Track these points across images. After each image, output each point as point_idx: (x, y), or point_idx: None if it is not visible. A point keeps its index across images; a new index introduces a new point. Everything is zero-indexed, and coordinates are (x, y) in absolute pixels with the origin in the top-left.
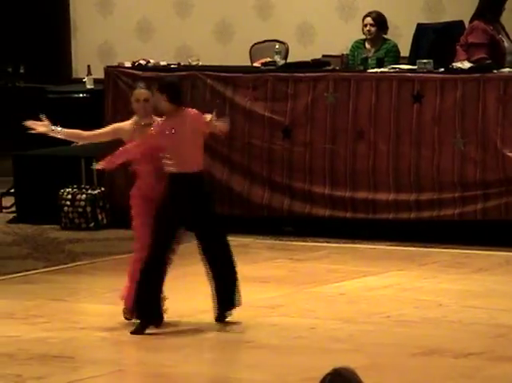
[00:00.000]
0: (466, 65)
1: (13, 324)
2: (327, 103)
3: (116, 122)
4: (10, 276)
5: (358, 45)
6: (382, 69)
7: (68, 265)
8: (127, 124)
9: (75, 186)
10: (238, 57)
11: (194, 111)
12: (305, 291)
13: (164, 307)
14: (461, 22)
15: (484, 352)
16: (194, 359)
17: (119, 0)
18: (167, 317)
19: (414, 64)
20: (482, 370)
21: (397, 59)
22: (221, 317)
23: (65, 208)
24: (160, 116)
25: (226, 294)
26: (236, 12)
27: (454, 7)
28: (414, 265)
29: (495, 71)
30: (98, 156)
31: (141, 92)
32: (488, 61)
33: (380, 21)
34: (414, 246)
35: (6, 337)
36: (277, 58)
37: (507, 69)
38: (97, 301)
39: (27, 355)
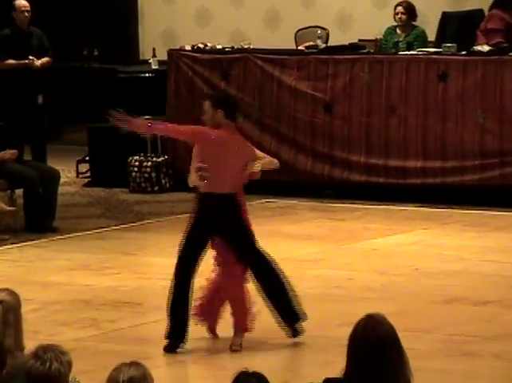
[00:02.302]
0: (486, 48)
1: (89, 275)
2: (363, 82)
3: (178, 99)
4: (86, 233)
5: (390, 31)
6: (411, 52)
7: (136, 223)
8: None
9: (142, 154)
10: (285, 41)
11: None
12: (343, 247)
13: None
14: (481, 11)
15: (500, 300)
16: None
17: None
18: None
19: (439, 47)
20: (499, 316)
21: (425, 43)
22: (294, 333)
23: (133, 174)
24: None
25: (285, 310)
26: (283, 1)
27: None
28: (438, 224)
29: (511, 54)
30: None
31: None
32: (505, 45)
33: (409, 10)
34: (439, 208)
35: (83, 285)
36: (319, 42)
37: None
38: (162, 255)
39: (101, 301)
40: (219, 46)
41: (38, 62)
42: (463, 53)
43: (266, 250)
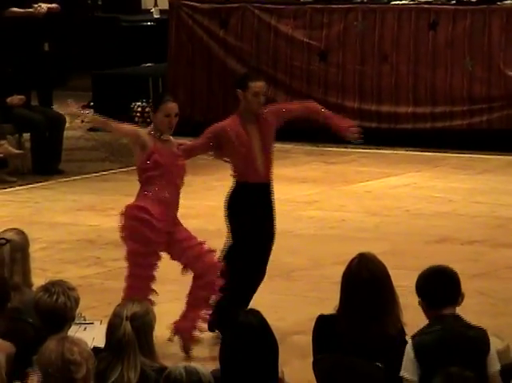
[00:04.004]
0: None
1: (94, 215)
2: (356, 31)
3: (178, 47)
4: (91, 175)
5: None
6: (403, 2)
7: None
8: (145, 134)
9: (144, 100)
10: None
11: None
12: (337, 189)
13: None
14: None
15: (486, 239)
16: None
17: None
18: None
19: None
20: (485, 255)
21: None
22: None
23: (136, 119)
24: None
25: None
26: None
27: None
28: (429, 167)
29: (499, 3)
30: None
31: (172, 106)
32: None
33: None
34: (429, 152)
35: (88, 225)
36: None
37: (509, 2)
38: None
39: (105, 241)
40: None
41: (45, 7)
42: (453, 2)
43: None
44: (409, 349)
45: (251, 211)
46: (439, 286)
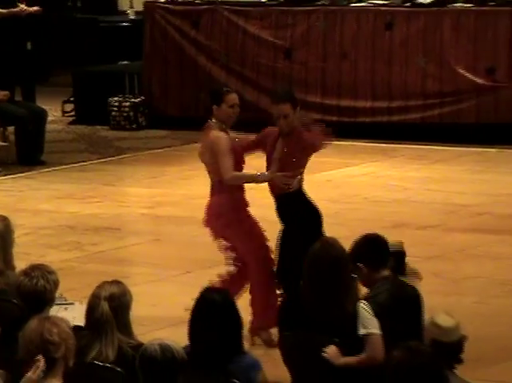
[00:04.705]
0: (427, 0)
1: (73, 203)
2: (319, 30)
3: (153, 46)
4: (71, 165)
5: None
6: (362, 4)
7: (116, 157)
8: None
9: (120, 95)
10: None
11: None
12: None
13: None
14: None
15: (439, 224)
16: None
17: None
18: None
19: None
20: (438, 239)
21: None
22: None
23: (113, 113)
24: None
25: None
26: None
27: None
28: (385, 158)
29: (449, 5)
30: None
31: (235, 96)
32: None
33: None
34: (386, 143)
35: (68, 212)
36: None
37: (459, 4)
38: (139, 185)
39: (84, 227)
40: None
41: (28, 9)
42: (407, 4)
43: None
44: (368, 310)
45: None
46: (379, 250)
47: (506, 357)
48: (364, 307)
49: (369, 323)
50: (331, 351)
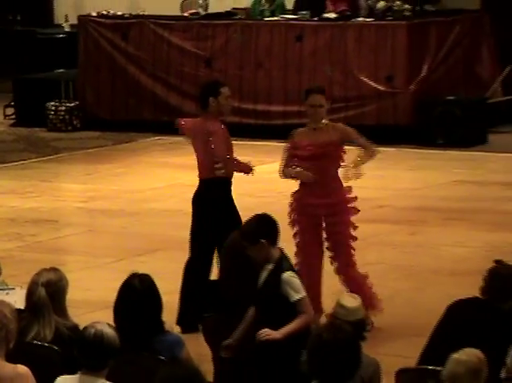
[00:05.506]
0: (333, 15)
1: (14, 197)
2: (236, 42)
3: (86, 56)
4: (12, 164)
5: (256, 1)
6: (274, 18)
7: (53, 156)
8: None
9: (57, 100)
10: (173, 9)
11: None
12: None
13: None
14: None
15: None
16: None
17: None
18: None
19: (296, 14)
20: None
21: (285, 11)
22: None
23: (50, 116)
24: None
25: None
26: None
27: None
28: None
29: (353, 20)
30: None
31: (316, 97)
32: (348, 13)
33: None
34: None
35: (9, 206)
36: (201, 10)
37: (361, 19)
38: (74, 181)
39: (24, 219)
40: (120, 13)
41: None
42: (315, 19)
43: (157, 178)
44: (294, 279)
45: None
46: (276, 227)
47: (402, 334)
48: (291, 275)
49: (299, 288)
50: (265, 332)
